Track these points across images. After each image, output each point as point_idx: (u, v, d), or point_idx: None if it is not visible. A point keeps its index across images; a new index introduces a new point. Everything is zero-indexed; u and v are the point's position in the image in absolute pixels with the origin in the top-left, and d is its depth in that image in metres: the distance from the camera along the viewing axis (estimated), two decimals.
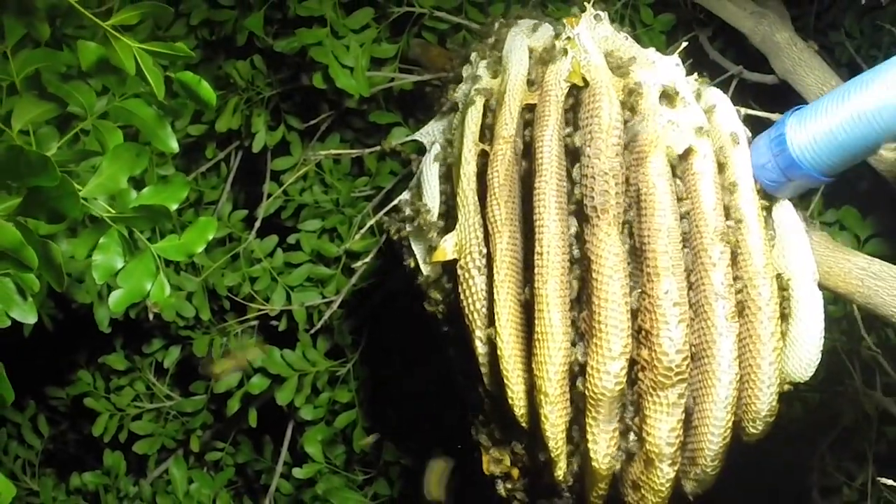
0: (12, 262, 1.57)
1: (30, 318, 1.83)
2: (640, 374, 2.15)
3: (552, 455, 2.23)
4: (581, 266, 2.17)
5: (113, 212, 1.80)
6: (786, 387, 2.25)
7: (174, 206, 1.82)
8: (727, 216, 2.20)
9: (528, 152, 2.27)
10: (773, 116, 2.62)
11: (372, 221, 3.03)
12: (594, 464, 2.20)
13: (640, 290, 2.13)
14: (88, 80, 1.87)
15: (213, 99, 1.89)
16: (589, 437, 2.18)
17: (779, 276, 2.24)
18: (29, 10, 1.82)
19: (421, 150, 2.66)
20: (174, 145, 1.94)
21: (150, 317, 3.39)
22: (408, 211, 2.57)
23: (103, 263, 1.81)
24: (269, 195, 3.54)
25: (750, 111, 2.43)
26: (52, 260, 1.64)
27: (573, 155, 2.21)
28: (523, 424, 2.30)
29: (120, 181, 1.79)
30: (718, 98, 2.35)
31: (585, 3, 2.41)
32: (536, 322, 2.14)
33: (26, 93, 1.87)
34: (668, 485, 2.20)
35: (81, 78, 1.87)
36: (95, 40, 1.84)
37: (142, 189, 1.83)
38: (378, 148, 3.34)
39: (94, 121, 1.88)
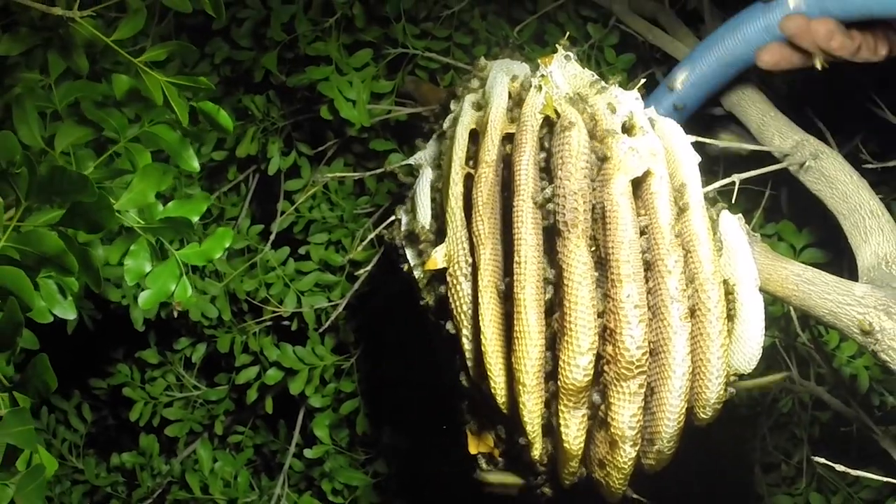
0: (55, 266, 1.56)
1: (70, 314, 1.82)
2: (606, 368, 2.13)
3: (529, 438, 2.21)
4: (554, 274, 2.14)
5: (142, 223, 1.80)
6: (732, 378, 2.23)
7: (195, 218, 1.82)
8: (680, 230, 2.19)
9: (508, 175, 2.25)
10: (720, 143, 2.61)
11: (372, 235, 3.01)
12: (566, 445, 2.19)
13: (605, 294, 2.11)
14: (122, 109, 1.87)
15: (230, 125, 1.88)
16: (561, 422, 2.16)
17: (725, 282, 2.22)
18: (70, 47, 1.81)
19: (414, 173, 2.64)
20: (196, 165, 1.94)
21: (175, 314, 3.38)
22: (403, 226, 2.56)
23: (134, 267, 1.82)
24: (283, 212, 3.52)
25: (699, 139, 2.40)
26: (91, 264, 1.63)
27: (547, 177, 2.19)
28: (504, 411, 2.28)
29: (148, 196, 1.79)
30: (672, 127, 2.34)
31: (557, 45, 2.40)
32: (515, 322, 2.12)
33: (67, 119, 1.87)
34: (630, 463, 2.19)
35: (116, 107, 1.87)
36: (128, 74, 1.83)
37: (168, 203, 1.82)
38: (378, 171, 3.33)
39: (127, 144, 1.87)
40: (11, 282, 1.50)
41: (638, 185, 2.19)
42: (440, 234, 2.39)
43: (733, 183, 2.47)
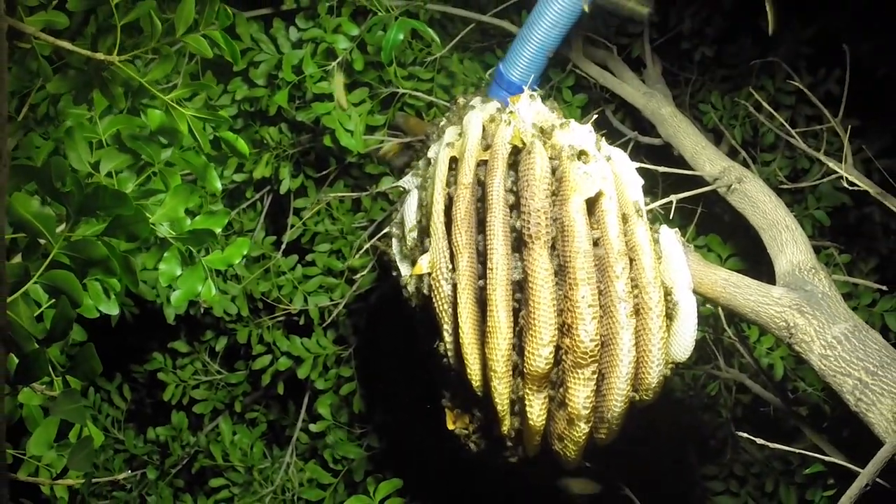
0: (100, 269, 1.55)
1: (113, 310, 1.82)
2: (564, 357, 2.13)
3: (499, 416, 2.22)
4: (521, 277, 2.14)
5: (173, 234, 1.80)
6: (669, 366, 2.23)
7: (218, 230, 1.82)
8: (627, 241, 2.19)
9: (482, 195, 2.25)
10: (661, 169, 2.62)
11: (367, 245, 3.01)
12: (530, 422, 2.19)
13: (564, 295, 2.11)
14: (156, 138, 1.86)
15: (247, 151, 1.88)
16: (526, 402, 2.17)
17: (664, 285, 2.22)
18: (111, 86, 1.80)
19: (403, 193, 2.64)
20: (218, 186, 1.94)
21: (202, 311, 3.38)
22: (394, 238, 2.56)
23: (166, 272, 1.83)
24: (292, 225, 3.53)
25: (643, 165, 2.41)
26: (130, 268, 1.62)
27: (515, 197, 2.19)
28: (478, 393, 2.27)
29: (179, 211, 1.80)
30: (620, 156, 2.34)
31: (523, 87, 2.40)
32: (488, 318, 2.12)
33: (110, 147, 1.86)
34: (584, 437, 2.19)
35: (151, 137, 1.87)
36: (161, 109, 1.83)
37: (195, 218, 1.82)
38: (373, 191, 3.34)
39: (160, 167, 1.87)
40: (64, 283, 1.49)
41: (591, 203, 2.19)
42: (425, 244, 2.39)
43: (671, 202, 2.48)
